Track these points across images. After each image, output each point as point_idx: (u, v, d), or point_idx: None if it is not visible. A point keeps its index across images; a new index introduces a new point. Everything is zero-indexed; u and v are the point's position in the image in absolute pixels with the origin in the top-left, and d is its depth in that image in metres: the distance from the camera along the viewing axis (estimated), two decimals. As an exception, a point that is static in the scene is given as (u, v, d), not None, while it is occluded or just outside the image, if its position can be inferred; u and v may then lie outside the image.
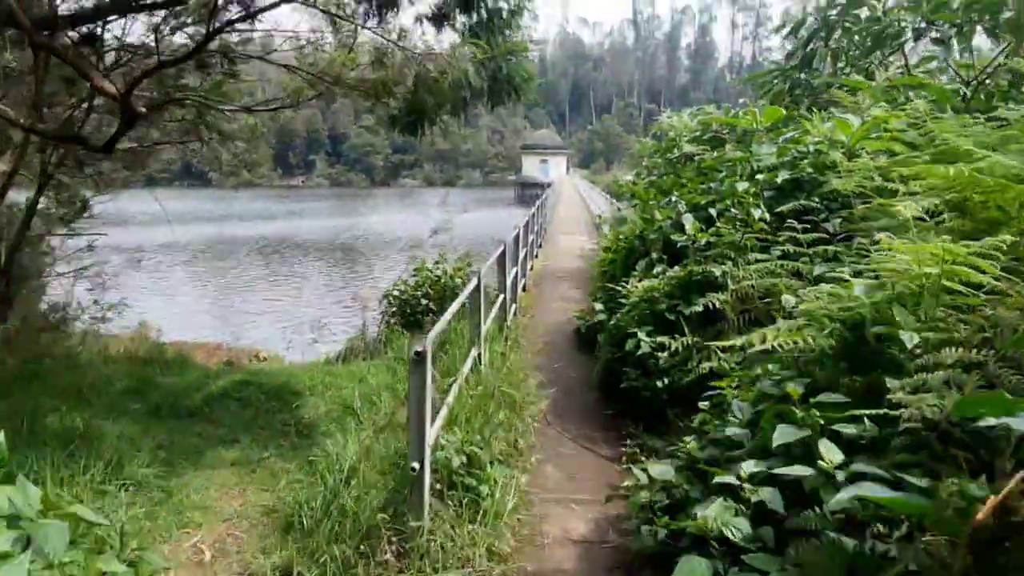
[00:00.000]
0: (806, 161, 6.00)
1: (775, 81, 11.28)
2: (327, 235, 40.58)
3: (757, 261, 5.25)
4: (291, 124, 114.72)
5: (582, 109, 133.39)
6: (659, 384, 5.22)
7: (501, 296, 8.41)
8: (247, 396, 7.22)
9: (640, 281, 6.07)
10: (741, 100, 13.74)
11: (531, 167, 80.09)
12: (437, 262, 10.60)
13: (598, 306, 7.04)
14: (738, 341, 3.51)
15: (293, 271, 26.60)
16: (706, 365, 4.80)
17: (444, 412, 4.24)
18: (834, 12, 10.10)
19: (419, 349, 3.43)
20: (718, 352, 4.91)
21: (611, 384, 6.20)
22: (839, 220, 5.37)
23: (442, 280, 10.10)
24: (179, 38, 10.31)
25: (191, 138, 12.02)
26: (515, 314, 10.08)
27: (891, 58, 10.82)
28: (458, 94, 6.66)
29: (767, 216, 5.37)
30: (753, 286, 5.02)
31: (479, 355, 5.91)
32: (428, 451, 3.57)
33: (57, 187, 13.52)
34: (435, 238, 13.88)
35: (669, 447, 4.85)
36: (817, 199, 5.55)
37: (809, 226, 5.16)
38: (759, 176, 5.95)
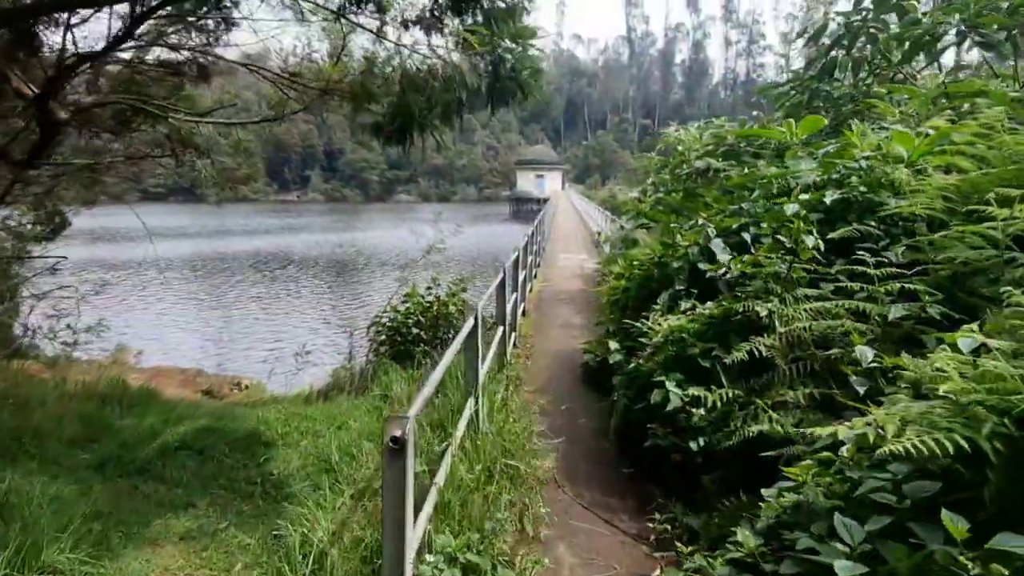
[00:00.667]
0: (856, 178, 5.13)
1: (792, 92, 10.48)
2: (320, 251, 39.59)
3: (807, 298, 4.37)
4: (286, 139, 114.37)
5: (576, 125, 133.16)
6: (693, 446, 4.31)
7: (500, 329, 7.52)
8: (209, 446, 6.26)
9: (664, 318, 5.18)
10: (754, 113, 12.92)
11: (526, 182, 79.42)
12: (429, 287, 9.68)
13: (613, 344, 6.12)
14: (837, 429, 2.59)
15: (284, 289, 25.60)
16: (755, 427, 3.90)
17: (432, 498, 3.32)
18: (858, 18, 9.33)
19: (396, 434, 2.51)
20: (767, 410, 4.03)
21: (630, 437, 5.28)
22: (902, 248, 4.50)
23: (434, 307, 9.19)
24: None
25: (163, 152, 11.17)
26: (515, 343, 9.19)
27: (921, 67, 10.10)
28: (451, 94, 5.74)
29: (820, 244, 4.49)
30: (807, 328, 4.14)
31: (476, 411, 4.98)
32: (410, 567, 2.64)
33: (35, 203, 12.67)
34: (430, 257, 12.97)
35: (711, 528, 3.98)
36: (874, 223, 4.67)
37: (866, 254, 4.28)
38: (804, 196, 5.07)
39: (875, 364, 3.45)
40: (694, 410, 4.36)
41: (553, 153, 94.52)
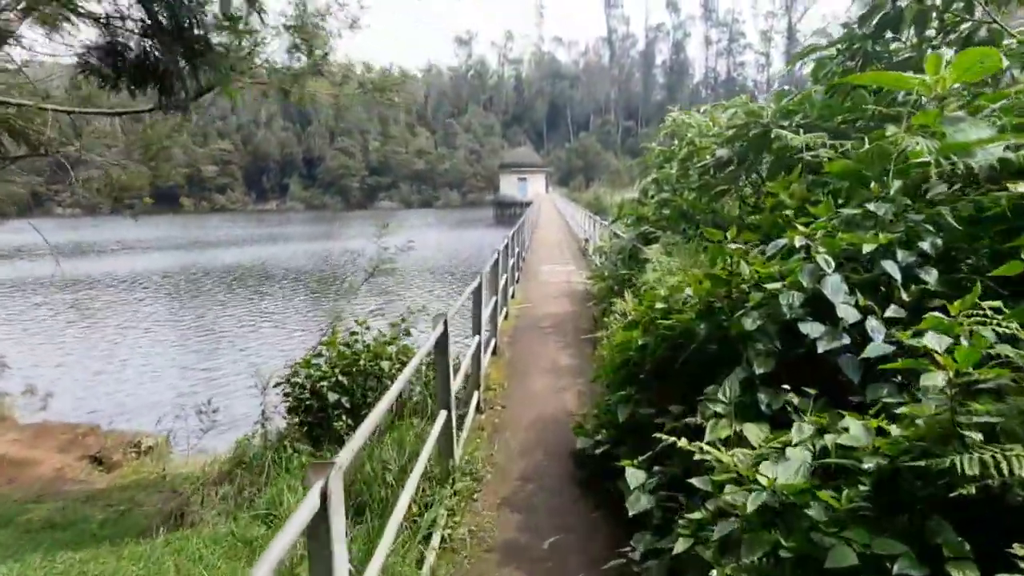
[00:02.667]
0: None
1: (838, 56, 7.86)
2: (292, 263, 36.48)
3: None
4: (264, 146, 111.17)
5: (559, 127, 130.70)
6: None
7: (457, 380, 4.87)
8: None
9: (747, 452, 2.48)
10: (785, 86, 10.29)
11: (509, 186, 76.78)
12: (354, 333, 6.90)
13: (632, 475, 3.40)
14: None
15: (227, 313, 22.19)
16: None
17: None
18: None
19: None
20: None
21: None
22: None
23: (361, 360, 6.43)
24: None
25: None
26: (479, 406, 6.50)
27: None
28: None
29: None
30: None
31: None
32: None
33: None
34: (378, 278, 10.25)
35: None
36: None
37: None
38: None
39: None
40: None
41: (536, 156, 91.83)
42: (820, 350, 2.66)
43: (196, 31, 5.91)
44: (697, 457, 2.61)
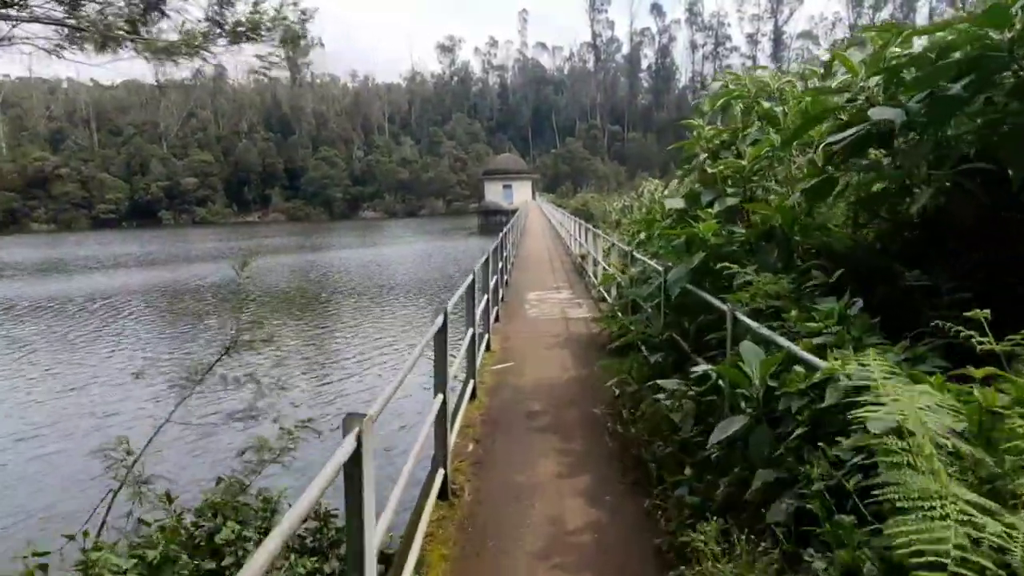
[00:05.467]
0: None
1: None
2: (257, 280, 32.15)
3: None
4: (245, 157, 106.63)
5: (544, 133, 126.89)
6: None
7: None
8: None
9: None
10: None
11: (494, 193, 72.92)
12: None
13: None
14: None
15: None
16: None
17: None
18: None
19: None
20: None
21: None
22: None
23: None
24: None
25: None
26: None
27: None
28: None
29: None
30: None
31: None
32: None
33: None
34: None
35: None
36: None
37: None
38: None
39: None
40: None
41: (522, 161, 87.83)
42: None
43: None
44: None
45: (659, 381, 5.10)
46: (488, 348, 8.52)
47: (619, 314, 8.45)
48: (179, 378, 4.72)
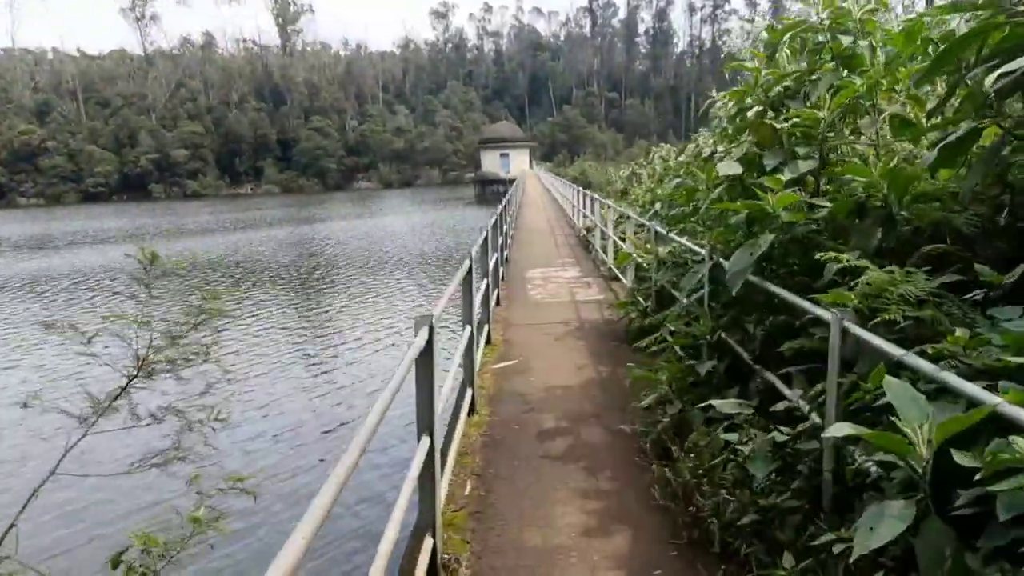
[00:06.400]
0: None
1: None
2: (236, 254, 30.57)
3: None
4: (236, 128, 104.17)
5: (541, 101, 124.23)
6: None
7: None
8: None
9: None
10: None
11: (491, 162, 71.13)
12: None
13: None
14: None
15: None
16: None
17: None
18: None
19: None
20: None
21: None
22: None
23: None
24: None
25: None
26: None
27: None
28: None
29: None
30: None
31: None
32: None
33: None
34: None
35: None
36: None
37: None
38: None
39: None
40: None
41: (519, 129, 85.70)
42: None
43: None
44: None
45: (714, 402, 3.87)
46: (488, 341, 7.27)
47: (640, 300, 7.19)
48: (84, 406, 3.49)
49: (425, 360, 3.10)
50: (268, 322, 15.49)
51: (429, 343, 3.10)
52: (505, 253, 12.62)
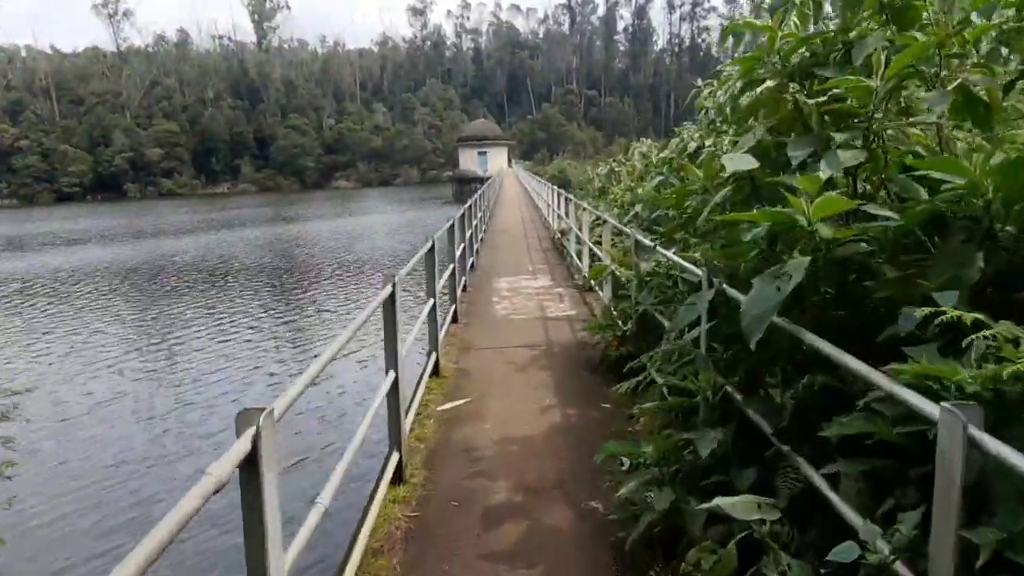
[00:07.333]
0: None
1: None
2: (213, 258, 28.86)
3: None
4: (212, 126, 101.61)
5: (520, 99, 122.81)
6: None
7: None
8: None
9: None
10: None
11: (469, 161, 69.73)
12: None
13: None
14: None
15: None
16: None
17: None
18: None
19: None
20: None
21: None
22: None
23: None
24: None
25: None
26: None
27: None
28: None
29: None
30: None
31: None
32: None
33: None
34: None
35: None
36: None
37: None
38: None
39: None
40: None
41: (497, 127, 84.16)
42: None
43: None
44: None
45: (721, 501, 2.63)
46: (436, 372, 5.99)
47: (619, 323, 5.94)
48: None
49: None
50: (236, 324, 14.09)
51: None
52: (470, 260, 11.32)
